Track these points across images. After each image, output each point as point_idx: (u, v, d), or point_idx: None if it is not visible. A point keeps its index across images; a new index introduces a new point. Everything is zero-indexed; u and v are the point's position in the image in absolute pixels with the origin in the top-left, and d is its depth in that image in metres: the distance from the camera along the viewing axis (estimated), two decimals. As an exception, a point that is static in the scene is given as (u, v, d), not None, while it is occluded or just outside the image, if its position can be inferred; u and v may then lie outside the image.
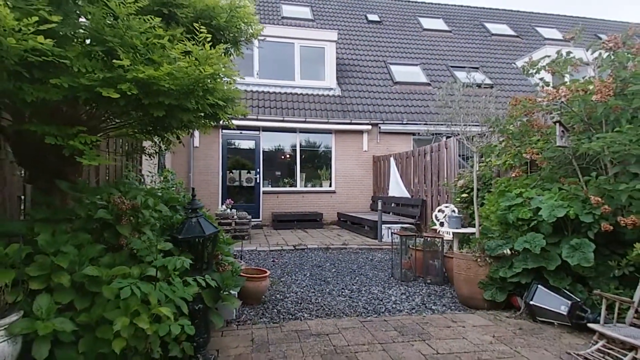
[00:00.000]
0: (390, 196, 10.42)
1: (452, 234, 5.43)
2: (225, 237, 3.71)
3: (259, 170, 11.31)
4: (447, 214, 6.14)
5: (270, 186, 11.50)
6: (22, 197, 3.17)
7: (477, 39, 16.43)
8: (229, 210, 8.97)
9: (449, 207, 6.45)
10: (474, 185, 5.03)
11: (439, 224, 6.22)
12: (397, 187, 10.23)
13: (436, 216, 6.59)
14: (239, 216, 8.74)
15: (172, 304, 2.22)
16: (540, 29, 17.84)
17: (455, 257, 4.54)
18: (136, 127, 2.76)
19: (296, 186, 11.69)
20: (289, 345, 3.10)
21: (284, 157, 11.92)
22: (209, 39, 2.06)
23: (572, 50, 4.29)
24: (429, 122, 10.98)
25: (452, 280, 4.69)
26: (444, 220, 6.11)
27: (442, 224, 6.10)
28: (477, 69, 14.32)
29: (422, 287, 4.94)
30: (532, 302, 3.68)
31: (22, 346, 1.82)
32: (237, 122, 2.99)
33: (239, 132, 11.16)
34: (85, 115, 2.53)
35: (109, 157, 3.04)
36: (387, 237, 8.17)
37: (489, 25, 17.52)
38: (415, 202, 9.18)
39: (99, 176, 4.34)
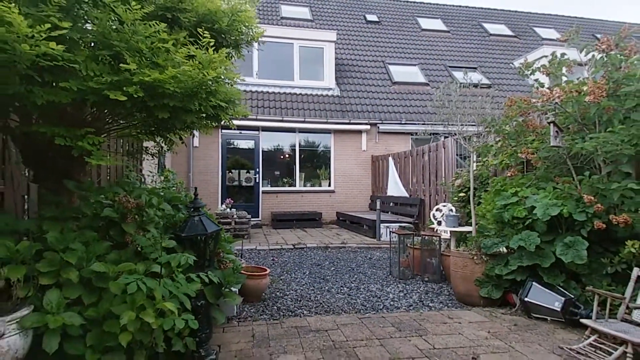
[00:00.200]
0: (388, 195, 10.49)
1: (450, 232, 5.51)
2: (226, 235, 3.78)
3: (258, 170, 11.38)
4: (444, 213, 6.22)
5: (269, 186, 11.56)
6: (26, 196, 3.25)
7: (475, 39, 16.51)
8: (229, 209, 9.04)
9: (447, 206, 6.53)
10: (471, 184, 5.10)
11: (437, 223, 6.30)
12: (395, 186, 10.30)
13: (434, 215, 6.68)
14: (239, 215, 8.81)
15: (176, 299, 2.29)
16: (538, 29, 17.94)
17: (452, 255, 4.62)
18: (139, 128, 2.83)
19: (295, 186, 11.76)
20: (289, 340, 3.18)
21: (283, 156, 11.98)
22: (212, 44, 2.13)
23: (568, 51, 4.35)
24: (427, 122, 11.09)
25: (449, 278, 4.76)
26: (442, 219, 6.19)
27: (440, 222, 6.18)
28: (475, 69, 14.41)
29: (420, 285, 5.01)
30: (526, 299, 3.75)
31: (33, 340, 1.89)
32: (236, 122, 3.06)
33: (238, 132, 11.22)
34: (89, 116, 2.60)
35: (111, 158, 3.10)
36: (385, 236, 8.24)
37: (487, 25, 17.61)
38: (413, 201, 9.26)
39: (100, 176, 4.42)
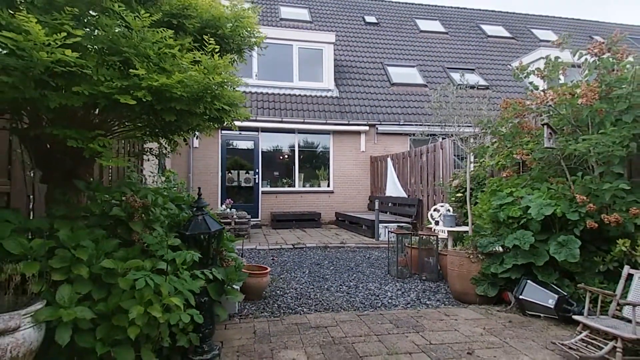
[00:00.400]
0: (387, 196, 10.59)
1: (447, 232, 5.61)
2: (227, 234, 3.87)
3: (257, 170, 11.46)
4: (442, 213, 6.32)
5: (269, 186, 11.65)
6: (31, 196, 3.33)
7: (473, 40, 16.63)
8: (229, 209, 9.12)
9: (444, 206, 6.63)
10: (467, 185, 5.19)
11: (435, 223, 6.39)
12: (394, 187, 10.40)
13: (432, 215, 6.77)
14: (239, 216, 8.89)
15: (181, 295, 2.37)
16: (535, 31, 18.08)
17: (449, 254, 4.71)
18: (145, 130, 2.91)
19: (295, 186, 11.85)
20: (290, 336, 3.27)
21: (282, 157, 12.07)
22: (216, 50, 2.22)
23: (563, 54, 4.44)
24: (425, 123, 11.17)
25: (447, 276, 4.85)
26: (439, 219, 6.28)
27: (438, 222, 6.27)
28: (473, 70, 14.53)
29: (418, 284, 5.10)
30: (521, 297, 3.85)
31: (45, 333, 1.97)
32: (236, 123, 3.15)
33: (238, 132, 11.30)
34: (97, 119, 2.69)
35: (119, 159, 3.18)
36: (384, 236, 8.33)
37: (485, 27, 17.74)
38: (411, 201, 9.35)
39: (103, 177, 4.50)
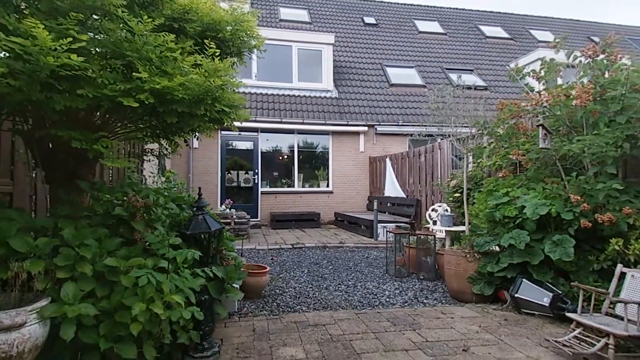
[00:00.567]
0: (386, 196, 10.65)
1: (445, 232, 5.66)
2: (227, 234, 3.92)
3: (257, 170, 11.51)
4: (439, 213, 6.38)
5: (268, 186, 11.71)
6: (33, 196, 3.39)
7: (472, 41, 16.70)
8: (228, 210, 9.18)
9: (442, 206, 6.69)
10: (464, 185, 5.25)
11: (432, 223, 6.46)
12: (392, 187, 10.46)
13: (430, 215, 6.84)
14: (238, 216, 8.94)
15: (182, 293, 2.43)
16: (534, 32, 18.15)
17: (446, 253, 4.77)
18: (146, 131, 2.97)
19: (294, 186, 11.91)
20: (289, 334, 3.32)
21: (281, 158, 12.13)
22: (217, 54, 2.27)
23: (559, 55, 4.49)
24: (424, 124, 11.23)
25: (444, 275, 4.91)
26: (437, 218, 6.34)
27: (435, 222, 6.33)
28: (471, 71, 14.60)
29: (415, 283, 5.16)
30: (517, 295, 3.90)
31: (50, 329, 2.03)
32: (236, 124, 3.19)
33: (237, 133, 11.34)
34: (99, 120, 2.74)
35: (122, 160, 3.24)
36: (382, 236, 8.38)
37: (484, 27, 17.81)
38: (410, 201, 9.41)
39: (103, 177, 4.56)
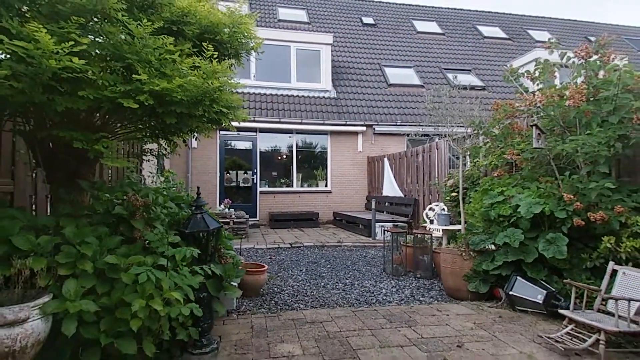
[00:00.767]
0: (384, 195, 10.71)
1: (442, 230, 5.73)
2: (225, 232, 3.97)
3: (256, 170, 11.56)
4: (437, 212, 6.44)
5: (267, 186, 11.76)
6: (33, 196, 3.44)
7: (469, 41, 16.77)
8: (227, 209, 9.22)
9: (439, 205, 6.75)
10: (460, 184, 5.31)
11: (430, 222, 6.52)
12: (390, 186, 10.52)
13: (427, 214, 6.90)
14: (237, 215, 8.98)
15: (181, 290, 2.48)
16: (531, 32, 18.22)
17: (442, 252, 4.83)
18: (145, 132, 3.02)
19: (292, 186, 11.96)
20: (286, 331, 3.38)
21: (280, 157, 12.17)
22: (215, 56, 2.32)
23: (554, 56, 4.55)
24: (422, 124, 11.30)
25: (440, 274, 4.97)
26: (434, 217, 6.40)
27: (432, 221, 6.39)
28: (469, 71, 14.67)
29: (412, 281, 5.21)
30: (511, 293, 3.96)
31: (51, 325, 2.08)
32: (234, 124, 3.24)
33: (236, 133, 11.37)
34: (100, 121, 2.79)
35: (121, 160, 3.29)
36: (380, 235, 8.44)
37: (482, 28, 17.88)
38: (408, 201, 9.48)
39: (103, 177, 4.61)
